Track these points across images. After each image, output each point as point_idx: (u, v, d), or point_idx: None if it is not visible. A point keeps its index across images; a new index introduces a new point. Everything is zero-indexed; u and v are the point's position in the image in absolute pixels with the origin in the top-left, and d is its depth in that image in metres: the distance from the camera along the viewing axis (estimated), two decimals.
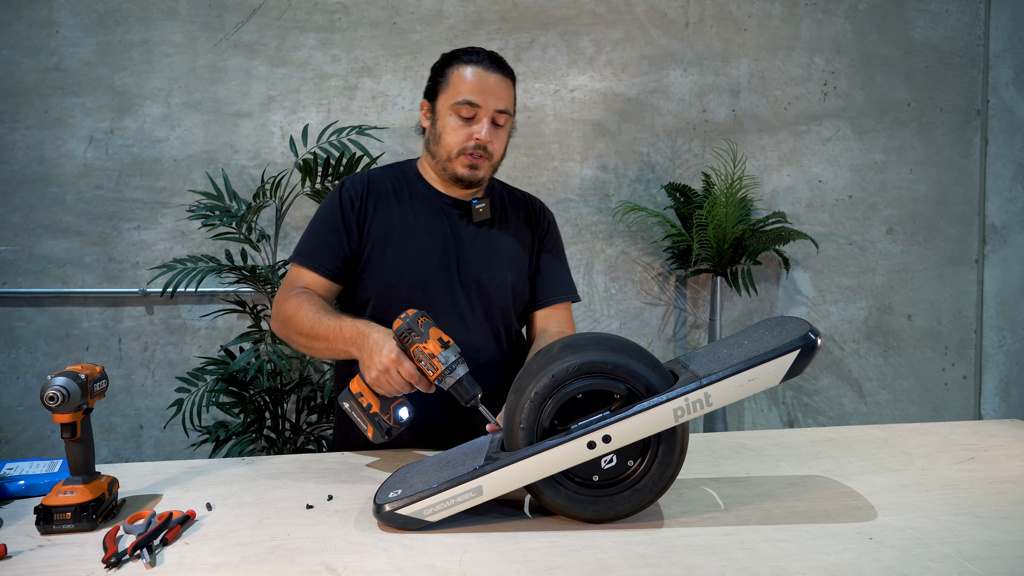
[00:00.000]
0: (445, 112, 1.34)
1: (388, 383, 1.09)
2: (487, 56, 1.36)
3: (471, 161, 1.33)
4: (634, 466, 0.93)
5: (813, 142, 2.98)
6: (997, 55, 3.01)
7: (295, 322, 1.26)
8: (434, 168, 1.40)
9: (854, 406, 3.06)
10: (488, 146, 1.33)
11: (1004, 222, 3.04)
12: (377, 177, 1.42)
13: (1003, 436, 1.33)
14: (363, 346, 1.13)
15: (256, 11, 2.72)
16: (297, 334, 1.26)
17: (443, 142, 1.35)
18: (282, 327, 1.30)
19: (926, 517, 0.94)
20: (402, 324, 1.09)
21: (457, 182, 1.37)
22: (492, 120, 1.33)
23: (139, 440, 2.74)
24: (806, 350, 0.87)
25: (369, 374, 1.10)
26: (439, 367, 1.06)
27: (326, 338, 1.21)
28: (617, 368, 0.91)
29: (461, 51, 1.37)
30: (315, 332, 1.22)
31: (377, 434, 1.11)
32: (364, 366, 1.12)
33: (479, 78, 1.32)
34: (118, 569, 0.81)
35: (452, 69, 1.35)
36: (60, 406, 0.92)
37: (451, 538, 0.89)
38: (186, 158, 2.70)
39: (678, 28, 2.90)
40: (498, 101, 1.33)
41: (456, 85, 1.33)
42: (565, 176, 2.88)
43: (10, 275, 2.65)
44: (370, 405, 1.12)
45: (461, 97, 1.31)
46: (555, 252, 1.51)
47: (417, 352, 1.07)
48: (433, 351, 1.07)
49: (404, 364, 1.08)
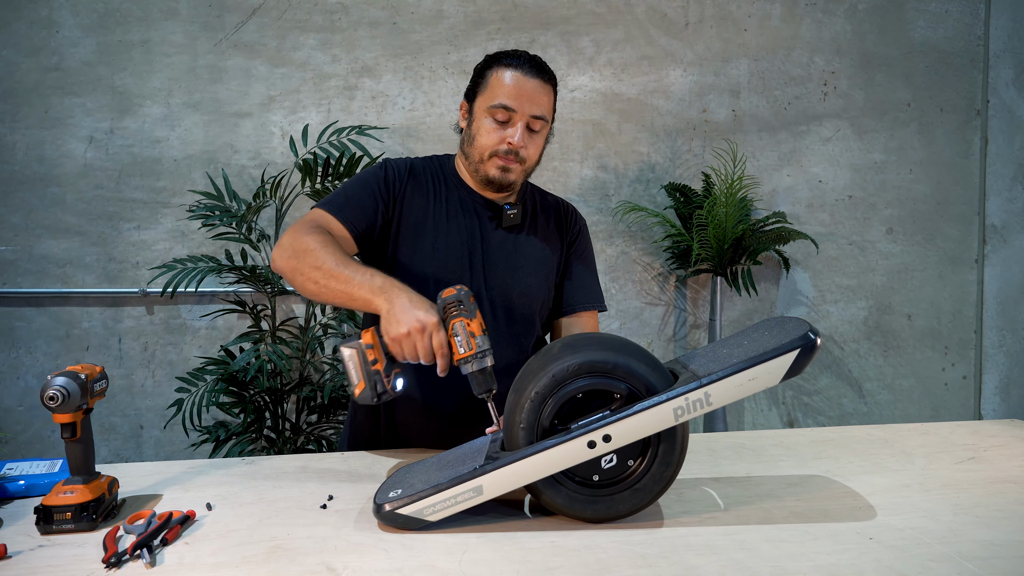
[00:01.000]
0: (481, 114, 1.33)
1: (413, 345, 1.04)
2: (528, 60, 1.33)
3: (503, 163, 1.32)
4: (634, 466, 0.93)
5: (813, 142, 2.98)
6: (997, 55, 3.01)
7: (314, 255, 1.17)
8: (467, 168, 1.40)
9: (854, 406, 3.06)
10: (521, 151, 1.32)
11: (1004, 222, 3.04)
12: (419, 167, 1.41)
13: (1003, 436, 1.33)
14: (396, 299, 1.07)
15: (256, 11, 2.72)
16: (313, 268, 1.16)
17: (477, 143, 1.34)
18: (292, 258, 1.19)
19: (926, 517, 0.94)
20: (455, 294, 1.06)
21: (488, 184, 1.36)
22: (527, 126, 1.32)
23: (139, 440, 2.74)
24: (806, 350, 0.87)
25: (399, 328, 1.04)
26: (474, 348, 1.03)
27: (348, 280, 1.12)
28: (617, 368, 0.91)
29: (503, 53, 1.36)
30: (337, 272, 1.13)
31: (368, 393, 1.05)
32: (395, 319, 1.05)
33: (517, 82, 1.31)
34: (118, 569, 0.81)
35: (491, 71, 1.33)
36: (60, 406, 0.92)
37: (451, 538, 0.89)
38: (186, 158, 2.70)
39: (678, 28, 2.90)
40: (534, 107, 1.31)
41: (493, 88, 1.32)
42: (565, 176, 2.88)
43: (10, 275, 2.65)
44: (375, 361, 1.06)
45: (497, 100, 1.30)
46: (584, 259, 1.50)
47: (458, 327, 1.04)
48: (475, 331, 1.04)
49: (440, 332, 1.04)
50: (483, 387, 1.05)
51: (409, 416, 1.34)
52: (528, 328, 1.41)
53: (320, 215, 1.29)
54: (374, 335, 1.07)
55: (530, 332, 1.42)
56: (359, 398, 1.06)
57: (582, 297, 1.47)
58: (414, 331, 1.03)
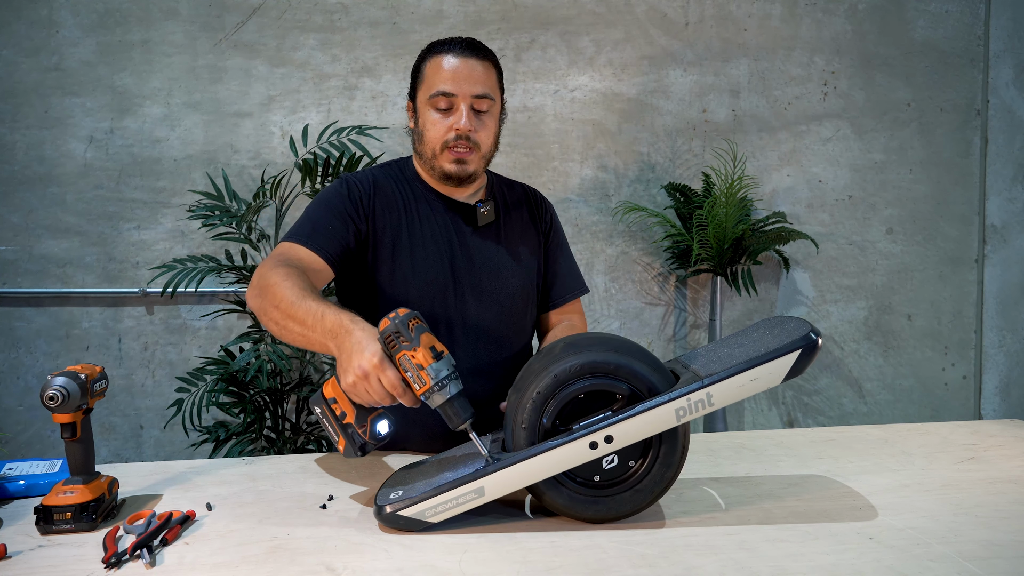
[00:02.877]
0: (424, 108, 1.28)
1: (366, 392, 0.94)
2: (461, 42, 1.28)
3: (456, 155, 1.27)
4: (635, 466, 0.93)
5: (813, 142, 2.98)
6: (997, 55, 3.01)
7: (274, 293, 1.08)
8: (424, 168, 1.35)
9: (854, 406, 3.06)
10: (472, 135, 1.26)
11: (1004, 222, 3.04)
12: (381, 178, 1.35)
13: (1003, 436, 1.33)
14: (343, 343, 0.97)
15: (256, 11, 2.72)
16: (273, 307, 1.08)
17: (426, 139, 1.29)
18: (258, 297, 1.12)
19: (926, 517, 0.94)
20: (389, 325, 0.93)
21: (448, 180, 1.31)
22: (472, 107, 1.26)
23: (139, 440, 2.74)
24: (807, 350, 0.87)
25: (346, 379, 0.94)
26: (427, 382, 0.90)
27: (303, 322, 1.03)
28: (620, 368, 0.91)
29: (435, 43, 1.31)
30: (293, 312, 1.05)
31: (349, 449, 0.97)
32: (341, 368, 0.96)
33: (452, 66, 1.25)
34: (118, 569, 0.81)
35: (425, 63, 1.29)
36: (60, 406, 0.92)
37: (451, 538, 0.89)
38: (186, 158, 2.70)
39: (678, 28, 2.90)
40: (474, 86, 1.25)
41: (430, 78, 1.27)
42: (565, 176, 2.88)
43: (10, 275, 2.65)
44: (344, 415, 0.97)
45: (435, 89, 1.25)
46: (561, 247, 1.48)
47: (404, 361, 0.91)
48: (422, 362, 0.90)
49: (387, 372, 0.92)
50: (456, 420, 0.92)
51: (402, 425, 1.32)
52: (518, 330, 1.39)
53: (288, 247, 1.21)
54: (335, 385, 0.98)
55: (520, 333, 1.40)
56: (344, 455, 0.98)
57: (568, 286, 1.46)
58: (360, 378, 0.93)
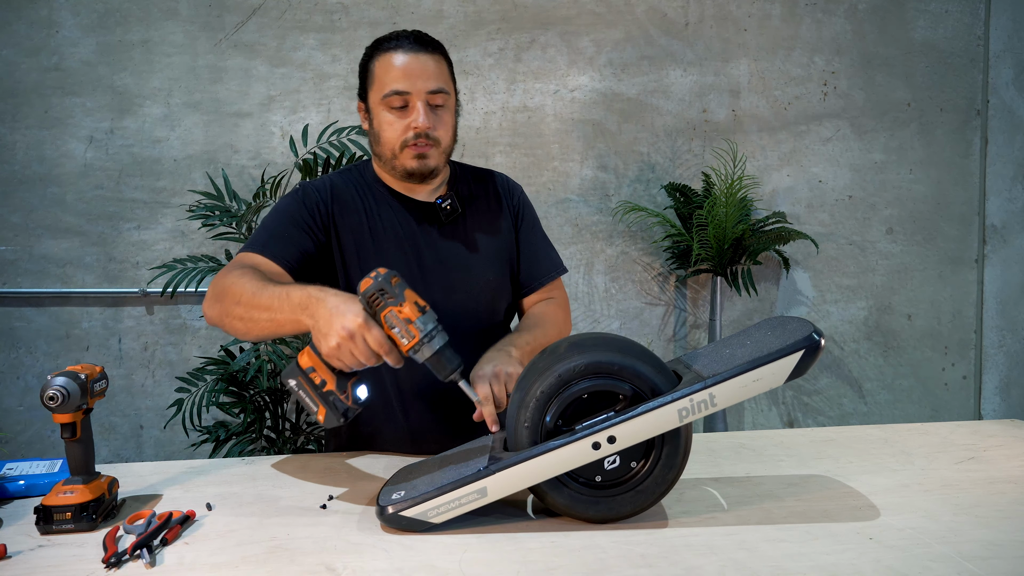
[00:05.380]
0: (377, 109, 1.25)
1: (351, 353, 0.93)
2: (407, 37, 1.25)
3: (417, 151, 1.24)
4: (637, 467, 0.93)
5: (813, 142, 2.98)
6: (997, 55, 3.01)
7: (233, 292, 1.08)
8: (384, 169, 1.32)
9: (854, 406, 3.06)
10: (431, 132, 1.24)
11: (1004, 222, 3.04)
12: (340, 184, 1.32)
13: (1003, 436, 1.33)
14: (318, 311, 0.96)
15: (256, 11, 2.72)
16: (234, 304, 1.07)
17: (383, 140, 1.26)
18: (216, 302, 1.11)
19: (926, 517, 0.94)
20: (372, 284, 0.93)
21: (410, 177, 1.28)
22: (428, 104, 1.23)
23: (139, 440, 2.74)
24: (810, 350, 0.87)
25: (327, 342, 0.94)
26: (416, 335, 0.92)
27: (268, 307, 1.03)
28: (623, 369, 0.91)
29: (381, 39, 1.27)
30: (256, 300, 1.04)
31: (331, 416, 0.97)
32: (321, 334, 0.95)
33: (402, 63, 1.22)
34: (118, 569, 0.81)
35: (374, 62, 1.26)
36: (60, 406, 0.92)
37: (451, 538, 0.89)
38: (186, 158, 2.70)
39: (678, 28, 2.90)
40: (428, 82, 1.23)
41: (380, 77, 1.24)
42: (565, 176, 2.88)
43: (10, 275, 2.65)
44: (324, 382, 0.97)
45: (388, 88, 1.22)
46: (534, 230, 1.44)
47: (390, 317, 0.92)
48: (410, 315, 0.92)
49: (373, 331, 0.93)
50: (446, 370, 0.95)
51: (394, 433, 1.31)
52: (493, 322, 1.37)
53: (245, 256, 1.20)
54: (311, 354, 0.98)
55: (496, 325, 1.38)
56: (325, 424, 0.98)
57: (543, 269, 1.42)
58: (345, 339, 0.93)
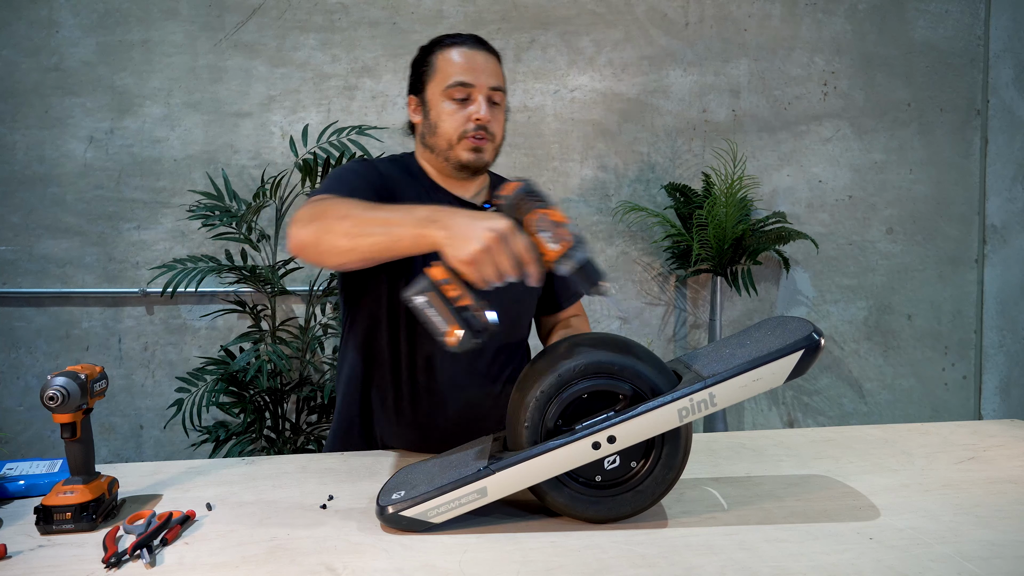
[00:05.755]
0: (437, 99, 1.27)
1: (493, 263, 0.86)
2: (469, 37, 1.30)
3: (474, 144, 1.26)
4: (637, 467, 0.92)
5: (813, 142, 2.98)
6: (997, 55, 3.01)
7: (338, 209, 1.02)
8: (433, 163, 1.32)
9: (854, 406, 3.06)
10: (489, 126, 1.26)
11: (1004, 222, 3.04)
12: (394, 171, 1.31)
13: (1003, 436, 1.33)
14: (453, 220, 0.90)
15: (256, 11, 2.72)
16: (340, 219, 1.01)
17: (440, 130, 1.27)
18: (311, 222, 1.03)
19: (926, 517, 0.94)
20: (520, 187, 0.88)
21: (463, 170, 1.29)
22: (488, 99, 1.26)
23: (139, 440, 2.74)
24: (810, 350, 0.87)
25: (467, 247, 0.86)
26: (569, 239, 0.86)
27: (385, 221, 0.97)
28: (623, 369, 0.91)
29: (443, 37, 1.31)
30: (369, 215, 0.99)
31: (467, 336, 0.88)
32: (460, 240, 0.87)
33: (467, 58, 1.26)
34: (118, 569, 0.81)
35: (436, 55, 1.29)
36: (60, 406, 0.92)
37: (451, 538, 0.89)
38: (186, 158, 2.70)
39: (678, 28, 2.90)
40: (490, 78, 1.27)
41: (444, 69, 1.27)
42: (565, 176, 2.88)
43: (10, 275, 2.65)
44: (459, 297, 0.87)
45: (453, 79, 1.25)
46: None
47: (539, 222, 0.86)
48: (562, 218, 0.86)
49: (519, 236, 0.87)
50: (593, 280, 0.89)
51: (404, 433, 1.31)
52: (518, 334, 1.39)
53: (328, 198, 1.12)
54: (443, 268, 0.89)
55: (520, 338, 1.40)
56: (460, 345, 0.88)
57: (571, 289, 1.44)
58: (491, 242, 0.86)
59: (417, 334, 1.28)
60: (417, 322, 1.26)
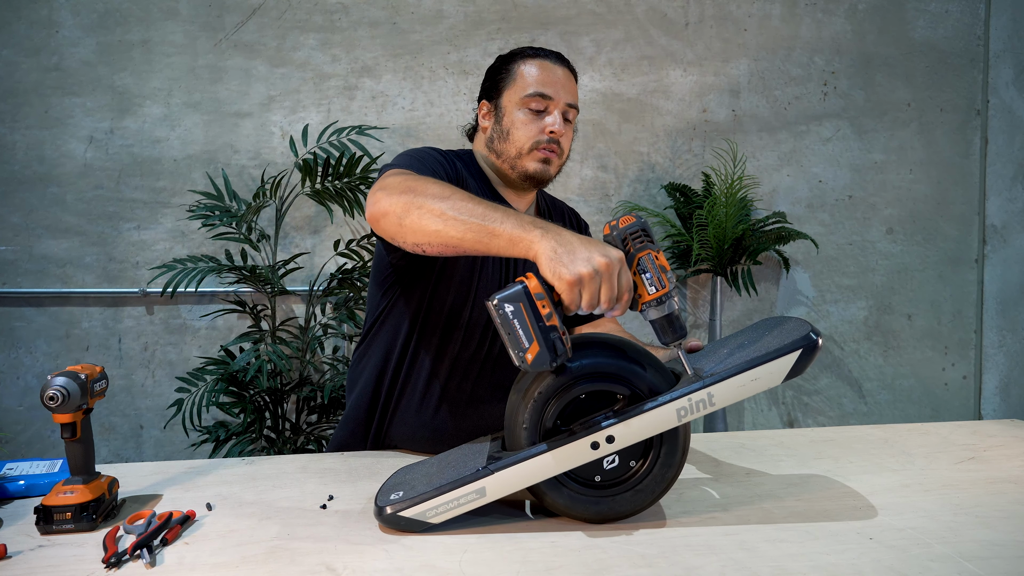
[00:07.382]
0: (512, 107, 1.28)
1: (596, 289, 0.82)
2: (552, 52, 1.32)
3: (544, 155, 1.27)
4: (636, 467, 0.93)
5: (813, 142, 2.98)
6: (997, 55, 3.01)
7: (431, 188, 0.98)
8: (496, 168, 1.33)
9: (854, 406, 3.06)
10: (561, 140, 1.28)
11: (1004, 222, 3.04)
12: (458, 164, 1.29)
13: (1003, 436, 1.33)
14: (563, 235, 0.86)
15: (256, 11, 2.72)
16: (435, 198, 0.95)
17: (512, 138, 1.28)
18: (403, 195, 0.99)
19: (926, 517, 0.94)
20: (635, 222, 0.86)
21: (527, 180, 1.29)
22: (563, 114, 1.28)
23: (139, 440, 2.74)
24: (808, 350, 0.87)
25: (575, 267, 0.81)
26: (667, 285, 0.85)
27: (484, 215, 0.91)
28: (622, 369, 0.91)
29: (524, 48, 1.34)
30: (467, 205, 0.93)
31: (544, 356, 0.82)
32: (568, 257, 0.83)
33: (548, 71, 1.28)
34: (118, 569, 0.81)
35: (516, 64, 1.30)
36: (60, 406, 0.92)
37: (451, 538, 0.89)
38: (186, 158, 2.70)
39: (678, 28, 2.90)
40: (568, 95, 1.29)
41: (524, 79, 1.28)
42: (565, 176, 2.88)
43: (10, 275, 2.65)
44: (549, 315, 0.82)
45: (532, 89, 1.26)
46: None
47: (646, 262, 0.84)
48: (665, 265, 0.85)
49: (626, 270, 0.85)
50: (677, 334, 0.87)
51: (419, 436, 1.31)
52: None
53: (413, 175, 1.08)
54: (539, 283, 0.83)
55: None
56: (532, 365, 0.82)
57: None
58: (603, 269, 0.82)
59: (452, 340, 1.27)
60: (455, 327, 1.27)
